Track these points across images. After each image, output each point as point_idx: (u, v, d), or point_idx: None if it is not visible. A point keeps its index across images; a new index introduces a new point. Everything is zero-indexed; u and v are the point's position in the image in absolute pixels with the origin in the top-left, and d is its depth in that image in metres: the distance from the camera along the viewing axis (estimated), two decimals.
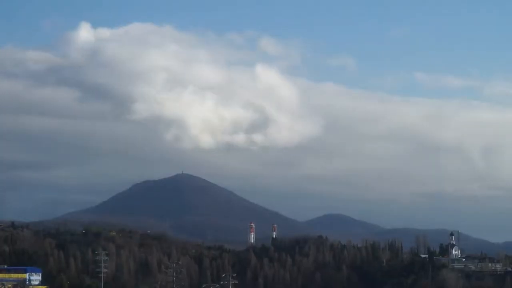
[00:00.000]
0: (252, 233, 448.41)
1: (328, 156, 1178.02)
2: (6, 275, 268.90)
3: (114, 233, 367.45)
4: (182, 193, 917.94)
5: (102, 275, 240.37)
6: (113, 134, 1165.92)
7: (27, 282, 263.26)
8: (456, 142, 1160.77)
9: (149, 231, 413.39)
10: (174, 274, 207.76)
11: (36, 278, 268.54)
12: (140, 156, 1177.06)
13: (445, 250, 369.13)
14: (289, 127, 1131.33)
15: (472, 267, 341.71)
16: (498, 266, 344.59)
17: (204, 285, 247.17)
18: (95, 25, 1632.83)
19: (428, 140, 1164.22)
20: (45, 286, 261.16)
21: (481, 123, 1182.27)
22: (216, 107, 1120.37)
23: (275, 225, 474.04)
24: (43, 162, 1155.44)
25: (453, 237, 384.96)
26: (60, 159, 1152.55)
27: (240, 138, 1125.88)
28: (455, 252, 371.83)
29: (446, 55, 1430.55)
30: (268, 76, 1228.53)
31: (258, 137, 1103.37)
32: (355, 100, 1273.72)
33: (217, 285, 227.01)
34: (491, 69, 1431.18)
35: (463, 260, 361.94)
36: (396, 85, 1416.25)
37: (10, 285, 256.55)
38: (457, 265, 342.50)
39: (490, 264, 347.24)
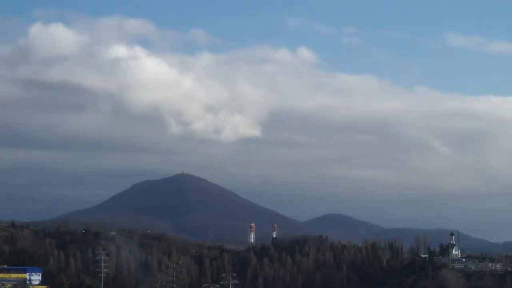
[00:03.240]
0: (252, 233, 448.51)
1: (328, 156, 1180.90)
2: (6, 275, 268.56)
3: (114, 233, 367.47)
4: (182, 193, 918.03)
5: (102, 275, 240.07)
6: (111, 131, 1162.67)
7: (27, 282, 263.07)
8: (455, 139, 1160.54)
9: (149, 231, 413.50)
10: (174, 274, 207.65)
11: (36, 278, 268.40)
12: (140, 155, 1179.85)
13: (445, 250, 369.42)
14: None
15: (472, 267, 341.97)
16: (498, 266, 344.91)
17: (204, 285, 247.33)
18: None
19: (425, 137, 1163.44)
20: (45, 286, 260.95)
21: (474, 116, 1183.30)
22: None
23: (275, 225, 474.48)
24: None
25: (453, 237, 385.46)
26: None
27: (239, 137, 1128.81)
28: (455, 252, 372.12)
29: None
30: None
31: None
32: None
33: (217, 285, 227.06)
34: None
35: (463, 260, 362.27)
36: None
37: (10, 285, 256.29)
38: (457, 265, 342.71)
39: (490, 264, 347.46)
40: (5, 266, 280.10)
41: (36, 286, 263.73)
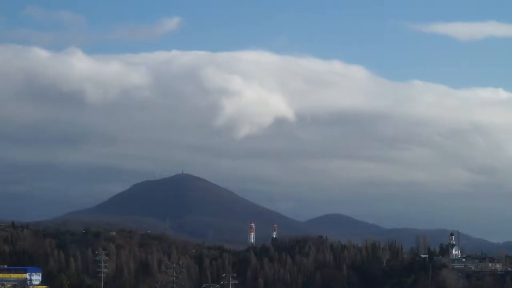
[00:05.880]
0: (252, 233, 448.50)
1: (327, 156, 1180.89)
2: (6, 275, 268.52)
3: (114, 233, 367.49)
4: (182, 193, 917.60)
5: (102, 275, 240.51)
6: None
7: (27, 282, 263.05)
8: (454, 138, 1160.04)
9: (149, 231, 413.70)
10: (174, 274, 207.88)
11: (36, 278, 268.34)
12: (141, 155, 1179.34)
13: (445, 250, 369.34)
14: None
15: (472, 267, 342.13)
16: (498, 266, 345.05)
17: (204, 285, 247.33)
18: None
19: (425, 137, 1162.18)
20: (45, 286, 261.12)
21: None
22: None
23: (275, 225, 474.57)
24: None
25: (453, 237, 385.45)
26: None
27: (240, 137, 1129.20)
28: (455, 252, 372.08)
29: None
30: None
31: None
32: None
33: (217, 285, 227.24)
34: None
35: (463, 260, 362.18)
36: None
37: (10, 285, 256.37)
38: (457, 265, 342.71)
39: (490, 264, 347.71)
40: (5, 266, 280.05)
41: (36, 286, 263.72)
